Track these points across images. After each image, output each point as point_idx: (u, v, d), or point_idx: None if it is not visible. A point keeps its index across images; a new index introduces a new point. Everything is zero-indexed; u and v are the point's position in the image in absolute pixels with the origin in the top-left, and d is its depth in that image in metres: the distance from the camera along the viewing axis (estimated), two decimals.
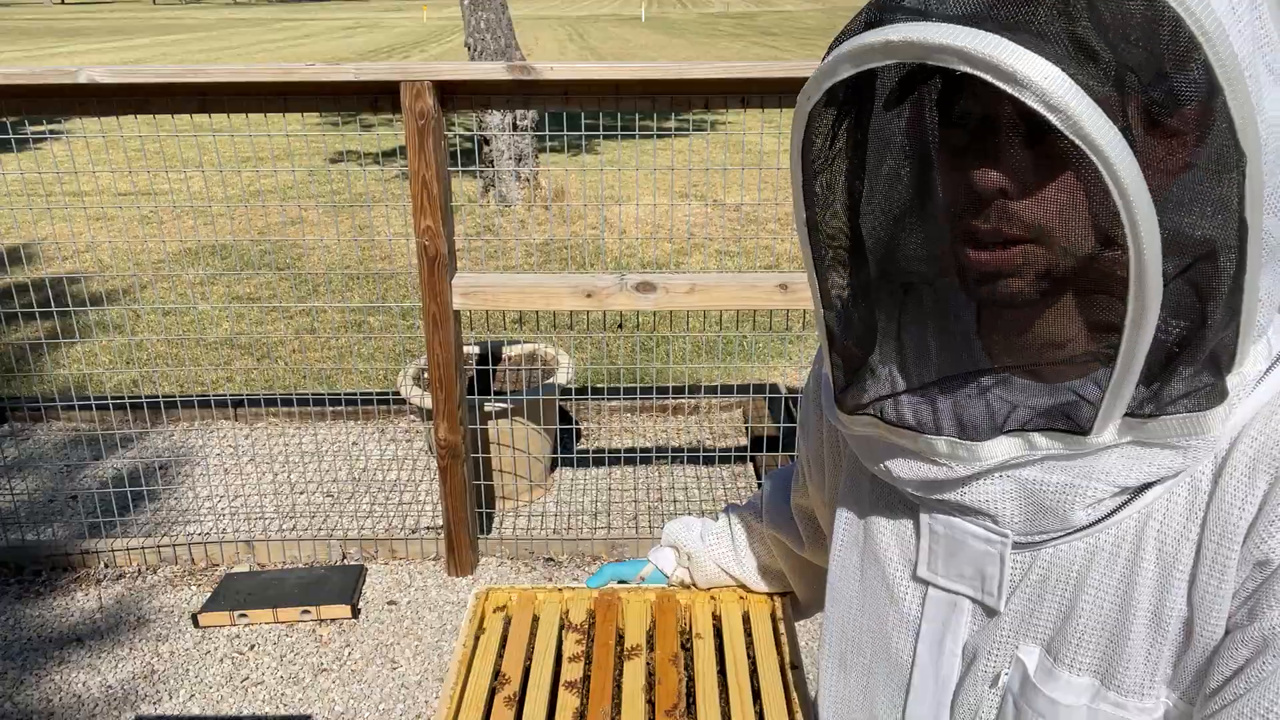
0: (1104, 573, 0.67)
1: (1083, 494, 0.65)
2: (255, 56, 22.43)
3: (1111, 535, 0.67)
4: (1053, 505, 0.66)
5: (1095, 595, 0.68)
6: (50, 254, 6.30)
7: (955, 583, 0.74)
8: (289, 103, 2.60)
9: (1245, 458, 0.62)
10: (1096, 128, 0.51)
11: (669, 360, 4.67)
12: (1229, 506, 0.63)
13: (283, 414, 4.01)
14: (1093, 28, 0.52)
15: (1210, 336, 0.58)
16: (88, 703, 2.50)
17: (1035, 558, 0.70)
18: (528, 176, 7.37)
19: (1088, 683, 0.69)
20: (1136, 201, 0.52)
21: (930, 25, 0.53)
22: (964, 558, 0.73)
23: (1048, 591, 0.70)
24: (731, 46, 24.43)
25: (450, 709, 0.93)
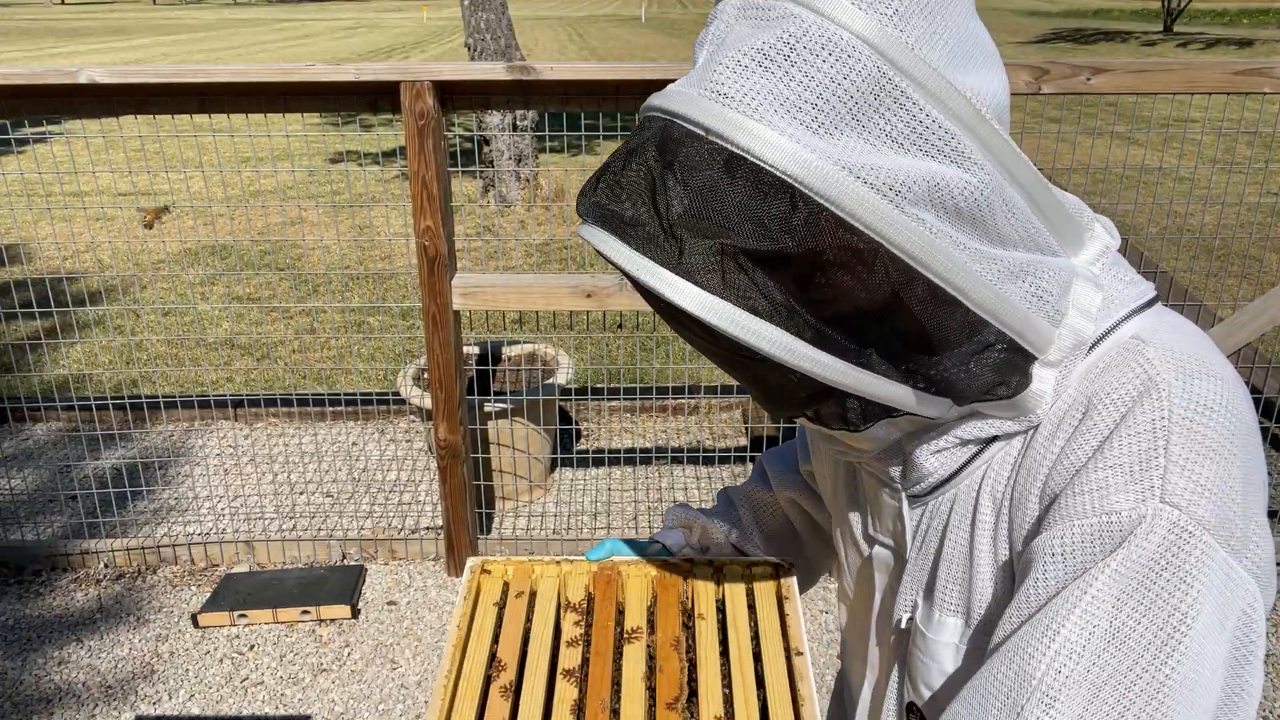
0: (959, 519, 0.75)
1: (931, 445, 0.73)
2: (255, 56, 22.43)
3: (966, 486, 0.75)
4: (915, 460, 0.74)
5: (952, 540, 0.75)
6: (50, 253, 6.29)
7: (884, 536, 0.84)
8: (289, 103, 2.60)
9: (1056, 411, 0.69)
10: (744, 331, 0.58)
11: (669, 360, 4.67)
12: (1034, 453, 0.69)
13: (283, 414, 4.01)
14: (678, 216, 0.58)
15: (960, 357, 0.63)
16: (87, 702, 2.50)
17: (924, 511, 0.78)
18: (528, 177, 7.36)
19: (956, 623, 0.76)
20: (781, 350, 0.59)
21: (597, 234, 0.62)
22: (885, 514, 0.82)
23: (927, 543, 0.79)
24: None
25: (444, 700, 0.90)
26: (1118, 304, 0.70)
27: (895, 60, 0.57)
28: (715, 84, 0.58)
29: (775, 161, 0.56)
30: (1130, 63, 2.47)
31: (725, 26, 0.62)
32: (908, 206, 0.58)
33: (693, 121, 0.58)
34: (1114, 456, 0.64)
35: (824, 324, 0.60)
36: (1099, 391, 0.67)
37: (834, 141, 0.56)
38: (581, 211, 0.64)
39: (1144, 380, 0.65)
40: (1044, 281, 0.65)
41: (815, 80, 0.56)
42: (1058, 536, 0.64)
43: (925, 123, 0.58)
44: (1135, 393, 0.65)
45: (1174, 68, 2.48)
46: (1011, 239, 0.63)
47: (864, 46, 0.56)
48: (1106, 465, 0.64)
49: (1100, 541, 0.62)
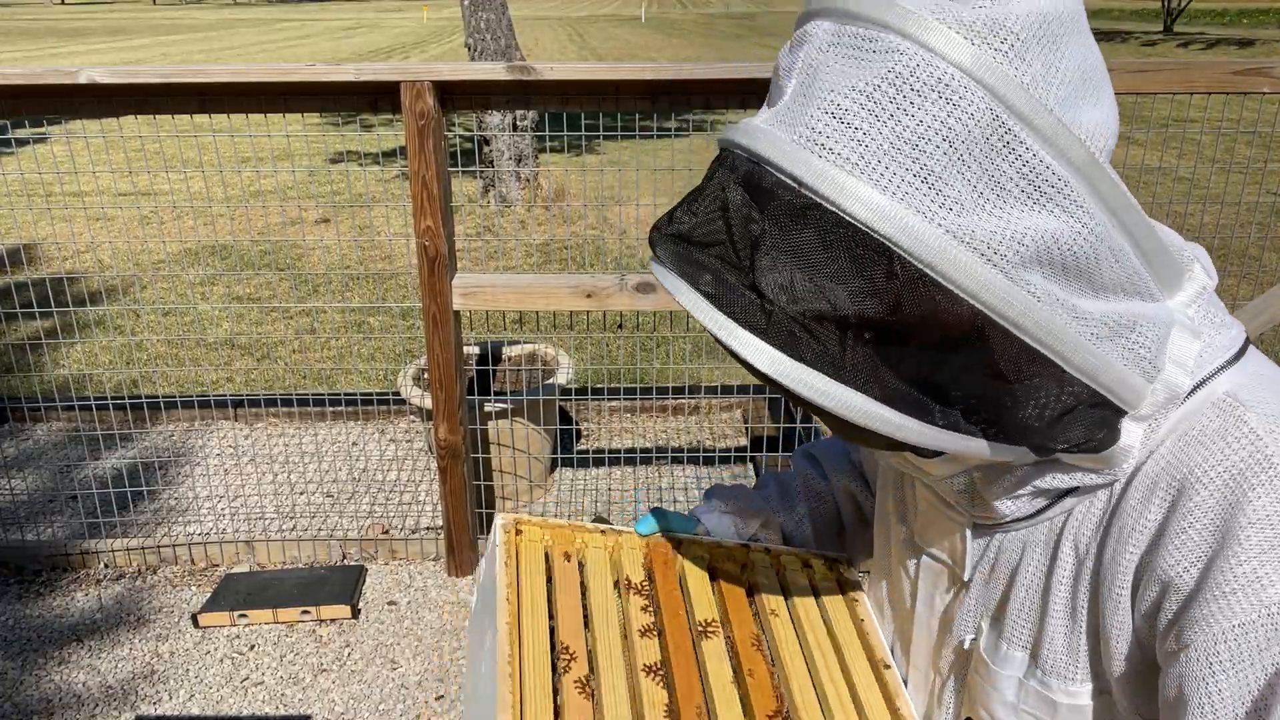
0: (1034, 563, 0.74)
1: (1005, 487, 0.72)
2: (255, 56, 22.43)
3: (1043, 530, 0.74)
4: (984, 496, 0.74)
5: (1026, 581, 0.75)
6: (50, 254, 6.29)
7: (938, 550, 0.83)
8: (289, 103, 2.60)
9: (1148, 476, 0.67)
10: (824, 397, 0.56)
11: (669, 360, 4.67)
12: (1125, 518, 0.68)
13: (283, 414, 4.01)
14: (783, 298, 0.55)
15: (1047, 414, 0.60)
16: (88, 703, 2.50)
17: (989, 543, 0.77)
18: (528, 177, 7.36)
19: (1021, 657, 0.76)
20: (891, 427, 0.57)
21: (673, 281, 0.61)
22: (941, 530, 0.81)
23: (996, 574, 0.78)
24: (731, 46, 24.42)
25: (513, 695, 0.74)
26: (1211, 352, 0.67)
27: (1010, 103, 0.53)
28: (812, 131, 0.54)
29: (877, 226, 0.52)
30: (1130, 62, 2.47)
31: (818, 54, 0.57)
32: (1015, 271, 0.55)
33: (785, 172, 0.54)
34: (1254, 546, 0.60)
35: (906, 385, 0.57)
36: (1201, 464, 0.64)
37: (938, 195, 0.53)
38: (657, 251, 0.62)
39: (1253, 457, 0.62)
40: (1143, 337, 0.62)
41: (922, 126, 0.52)
42: (1224, 643, 0.61)
43: (1038, 169, 0.54)
44: (1244, 469, 0.62)
45: (1173, 67, 2.48)
46: (1113, 287, 0.60)
47: (976, 86, 0.52)
48: (1249, 557, 0.60)
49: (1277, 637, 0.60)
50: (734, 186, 0.57)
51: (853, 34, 0.55)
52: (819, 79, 0.55)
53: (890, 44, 0.53)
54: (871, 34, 0.54)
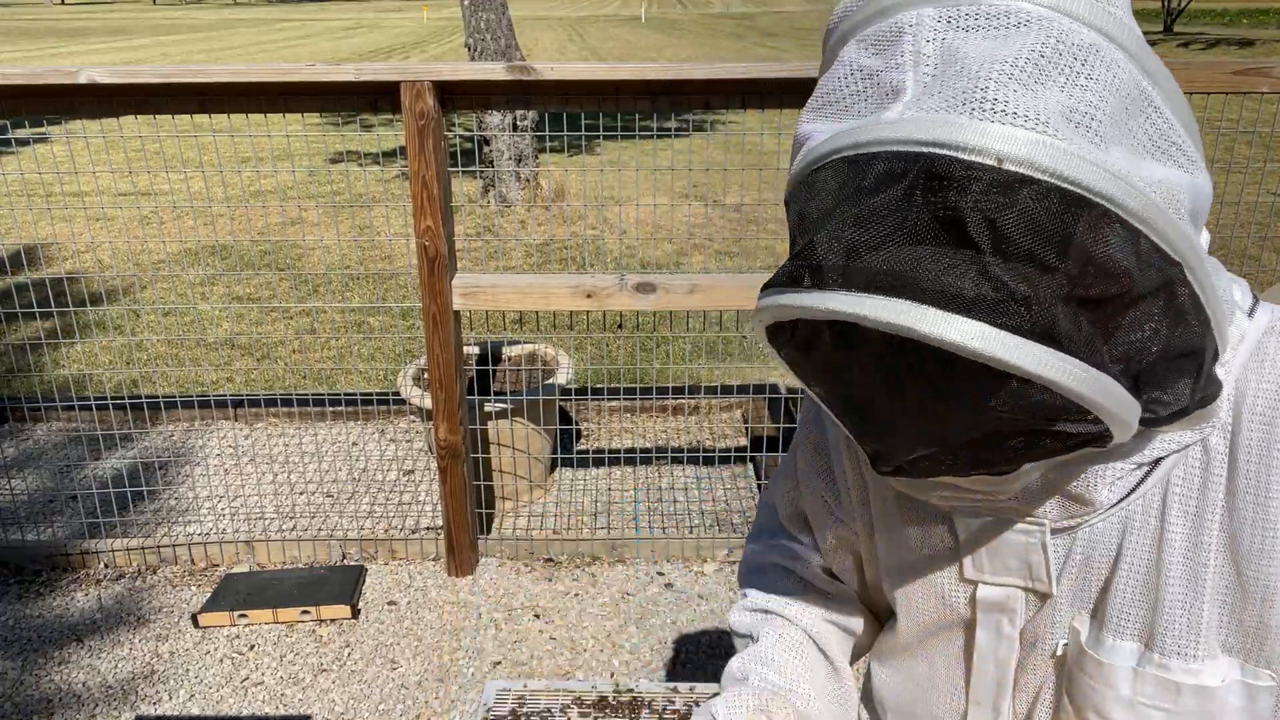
0: (1137, 542, 0.70)
1: (1104, 478, 0.68)
2: (255, 56, 22.43)
3: (1140, 506, 0.70)
4: (1079, 492, 0.69)
5: (1131, 564, 0.71)
6: (50, 254, 6.30)
7: (1003, 576, 0.76)
8: (289, 103, 2.60)
9: (1259, 410, 0.66)
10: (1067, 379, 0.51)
11: (669, 360, 4.67)
12: (1256, 459, 0.66)
13: (283, 414, 4.01)
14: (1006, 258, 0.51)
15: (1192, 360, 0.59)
16: (88, 703, 2.50)
17: (1074, 539, 0.73)
18: (528, 177, 7.37)
19: (1132, 646, 0.72)
20: (1094, 399, 0.53)
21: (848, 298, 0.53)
22: (1007, 553, 0.75)
23: (1091, 567, 0.73)
24: (731, 46, 24.42)
25: None
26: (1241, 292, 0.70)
27: (1144, 63, 0.54)
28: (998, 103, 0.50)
29: (1102, 187, 0.50)
30: None
31: (936, 38, 0.54)
32: (1186, 224, 0.55)
33: (989, 152, 0.50)
34: None
35: (1122, 352, 0.55)
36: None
37: (1110, 154, 0.52)
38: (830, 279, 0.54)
39: None
40: (1223, 279, 0.64)
41: (1092, 90, 0.51)
42: None
43: (1167, 129, 0.55)
44: None
45: (1173, 67, 2.48)
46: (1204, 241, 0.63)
47: (1118, 50, 0.53)
48: None
49: None
50: (930, 186, 0.51)
51: (974, 13, 0.54)
52: (965, 57, 0.53)
53: (1029, 14, 0.52)
54: (1000, 7, 0.53)
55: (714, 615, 2.81)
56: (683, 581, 2.96)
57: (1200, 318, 0.58)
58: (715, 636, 2.72)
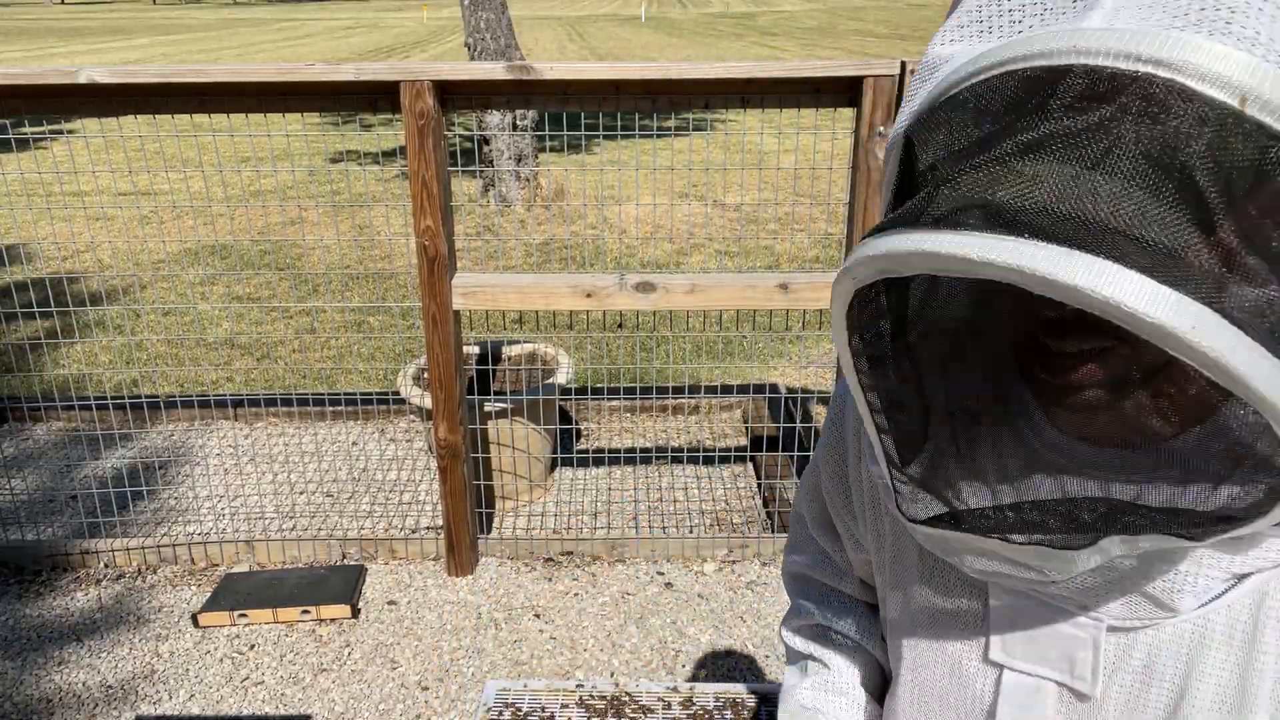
0: (1220, 656, 0.60)
1: (1191, 582, 0.58)
2: (255, 56, 22.43)
3: (1224, 617, 0.59)
4: (1157, 595, 0.59)
5: (1214, 682, 0.60)
6: (50, 254, 6.30)
7: (1038, 665, 0.65)
8: (289, 103, 2.60)
9: None
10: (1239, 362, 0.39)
11: (669, 360, 4.67)
12: None
13: (283, 414, 4.01)
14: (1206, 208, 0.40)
15: None
16: (87, 702, 2.50)
17: (1135, 640, 0.62)
18: (527, 176, 7.37)
19: None
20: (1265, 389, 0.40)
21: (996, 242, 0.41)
22: (1046, 641, 0.64)
23: (1154, 676, 0.62)
24: (731, 46, 24.42)
25: None
26: None
27: None
28: (1246, 29, 0.40)
29: None
30: None
31: None
32: None
33: (1237, 88, 0.39)
34: None
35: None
36: None
37: None
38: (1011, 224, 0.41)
39: None
40: None
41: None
42: None
43: None
44: None
45: None
46: None
47: None
48: None
49: None
50: (1143, 110, 0.40)
51: None
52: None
53: None
54: None
55: (714, 615, 2.81)
56: (683, 581, 2.96)
57: None
58: (715, 636, 2.72)
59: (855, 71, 2.44)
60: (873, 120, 2.46)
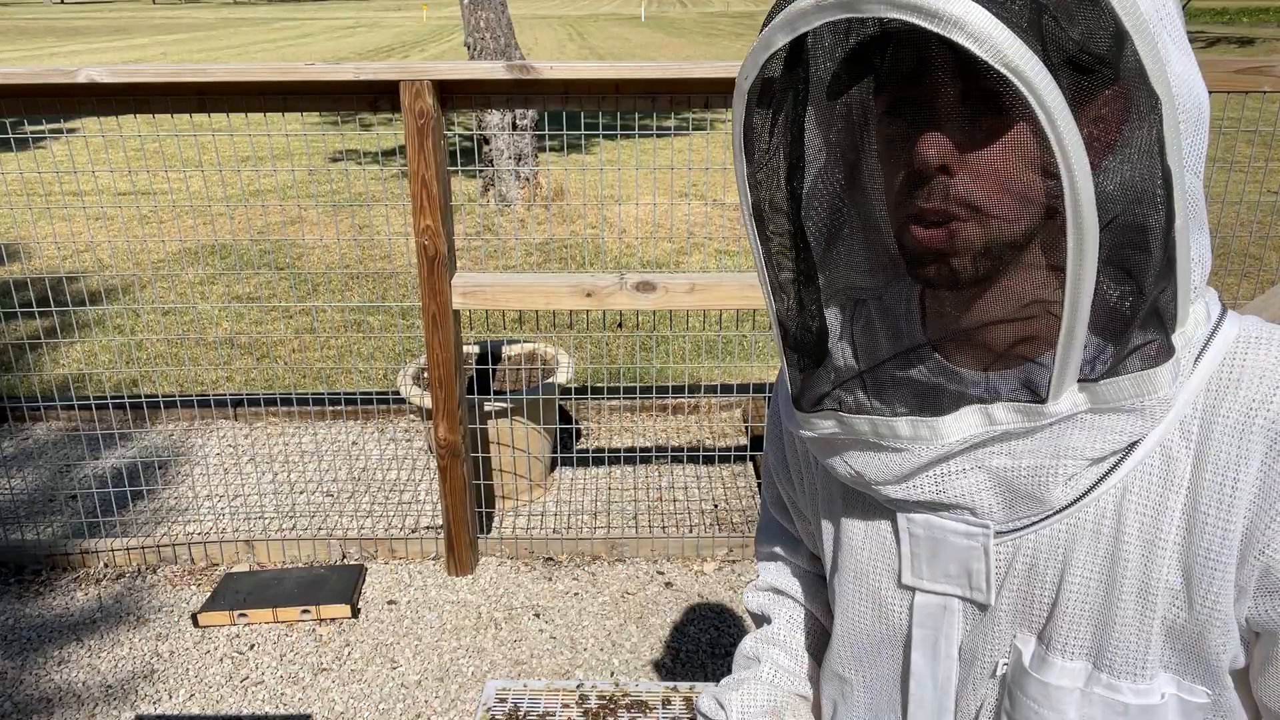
0: (1088, 551, 0.67)
1: (1054, 473, 0.64)
2: (255, 56, 22.42)
3: (1091, 513, 0.66)
4: (1028, 489, 0.66)
5: (1082, 575, 0.67)
6: (50, 253, 6.29)
7: (942, 583, 0.73)
8: (289, 102, 2.60)
9: (1230, 425, 0.63)
10: (1018, 52, 0.52)
11: (669, 360, 4.67)
12: (1221, 476, 0.63)
13: (282, 414, 4.01)
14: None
15: (1149, 290, 0.59)
16: (87, 702, 2.50)
17: (1019, 545, 0.69)
18: (527, 176, 7.36)
19: (1080, 666, 0.69)
20: (1064, 126, 0.53)
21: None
22: (947, 556, 0.71)
23: (1036, 578, 0.69)
24: (731, 46, 24.42)
25: None
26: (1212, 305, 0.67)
27: None
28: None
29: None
30: None
31: None
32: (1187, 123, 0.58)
33: None
34: None
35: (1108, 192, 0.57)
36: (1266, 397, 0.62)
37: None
38: None
39: None
40: (1201, 248, 0.63)
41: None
42: None
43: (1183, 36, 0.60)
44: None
45: None
46: (1196, 195, 0.61)
47: None
48: None
49: None
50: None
51: None
52: None
53: None
54: None
55: (714, 614, 2.81)
56: (682, 581, 2.96)
57: (1164, 236, 0.58)
58: (715, 636, 2.72)
59: None
60: None
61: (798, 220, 0.66)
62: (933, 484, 0.68)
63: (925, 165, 0.59)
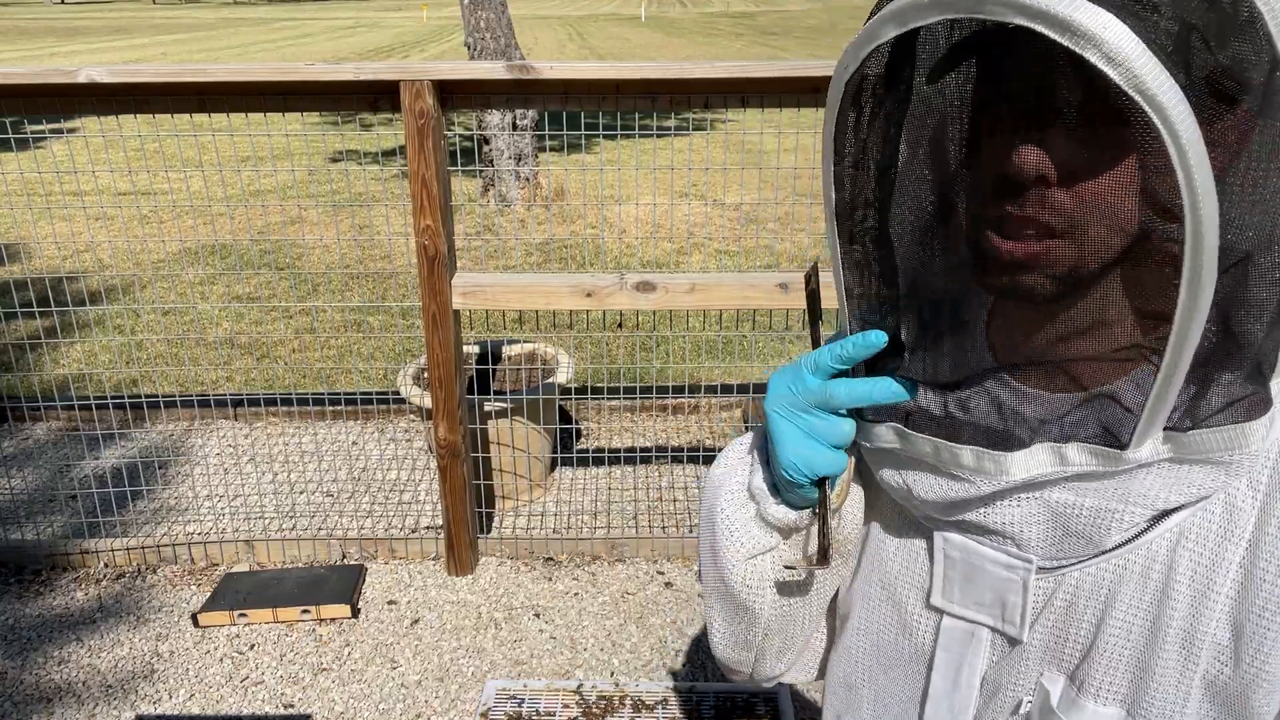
0: (1134, 596, 0.63)
1: (1118, 519, 0.61)
2: (255, 56, 22.42)
3: (1142, 555, 0.62)
4: (1083, 530, 0.62)
5: (1124, 619, 0.63)
6: (50, 253, 6.29)
7: (973, 611, 0.70)
8: (289, 102, 2.60)
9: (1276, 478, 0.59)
10: (1158, 81, 0.47)
11: (669, 360, 4.67)
12: (1270, 530, 0.59)
13: (282, 414, 4.01)
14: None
15: (1256, 338, 0.54)
16: (87, 702, 2.50)
17: (1060, 581, 0.65)
18: (527, 176, 7.36)
19: (1114, 713, 0.65)
20: (1197, 167, 0.48)
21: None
22: (982, 584, 0.68)
23: (1074, 617, 0.65)
24: (731, 46, 24.42)
25: None
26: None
27: None
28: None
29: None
30: None
31: None
32: None
33: None
34: None
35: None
36: None
37: None
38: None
39: None
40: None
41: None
42: None
43: None
44: None
45: None
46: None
47: None
48: None
49: None
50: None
51: None
52: None
53: None
54: None
55: None
56: (683, 581, 2.96)
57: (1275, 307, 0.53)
58: None
59: None
60: None
61: (881, 223, 0.62)
62: (980, 509, 0.64)
63: (1023, 174, 0.54)
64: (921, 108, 0.57)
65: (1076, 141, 0.53)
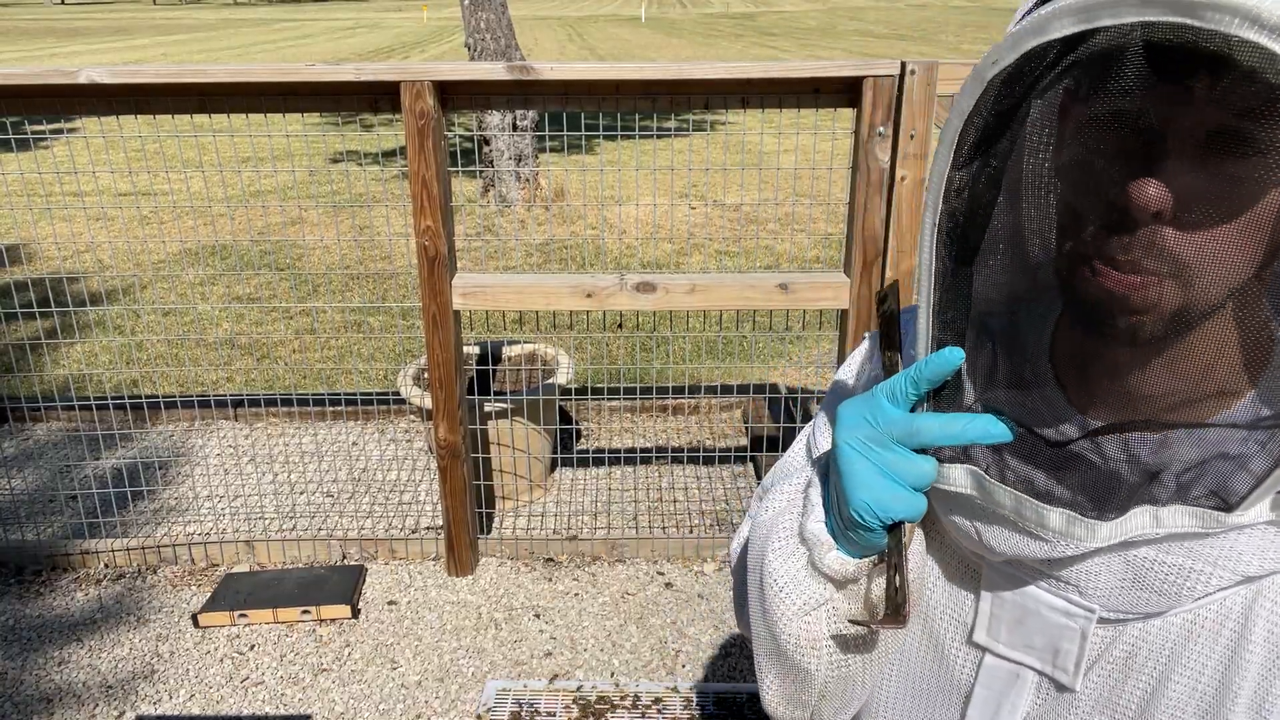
0: (1203, 653, 0.58)
1: (1202, 579, 0.56)
2: (255, 56, 22.43)
3: (1214, 611, 0.58)
4: (1159, 586, 0.57)
5: (1191, 678, 0.59)
6: (50, 253, 6.29)
7: (1020, 653, 0.64)
8: (289, 103, 2.60)
9: None
10: None
11: (669, 360, 4.67)
12: None
13: (283, 414, 4.01)
14: None
15: None
16: (88, 702, 2.50)
17: (1121, 632, 0.61)
18: (528, 176, 7.37)
19: None
20: None
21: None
22: (1035, 627, 0.63)
23: (1133, 670, 0.61)
24: (731, 46, 24.43)
25: None
26: None
27: None
28: None
29: None
30: None
31: None
32: None
33: None
34: None
35: None
36: None
37: None
38: None
39: None
40: None
41: None
42: None
43: None
44: None
45: None
46: None
47: None
48: None
49: None
50: None
51: None
52: None
53: None
54: None
55: (714, 615, 2.81)
56: (683, 581, 2.96)
57: None
58: (715, 636, 2.72)
59: (855, 72, 2.45)
60: (873, 120, 2.46)
61: (992, 240, 0.55)
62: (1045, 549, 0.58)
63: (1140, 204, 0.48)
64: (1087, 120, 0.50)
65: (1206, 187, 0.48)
